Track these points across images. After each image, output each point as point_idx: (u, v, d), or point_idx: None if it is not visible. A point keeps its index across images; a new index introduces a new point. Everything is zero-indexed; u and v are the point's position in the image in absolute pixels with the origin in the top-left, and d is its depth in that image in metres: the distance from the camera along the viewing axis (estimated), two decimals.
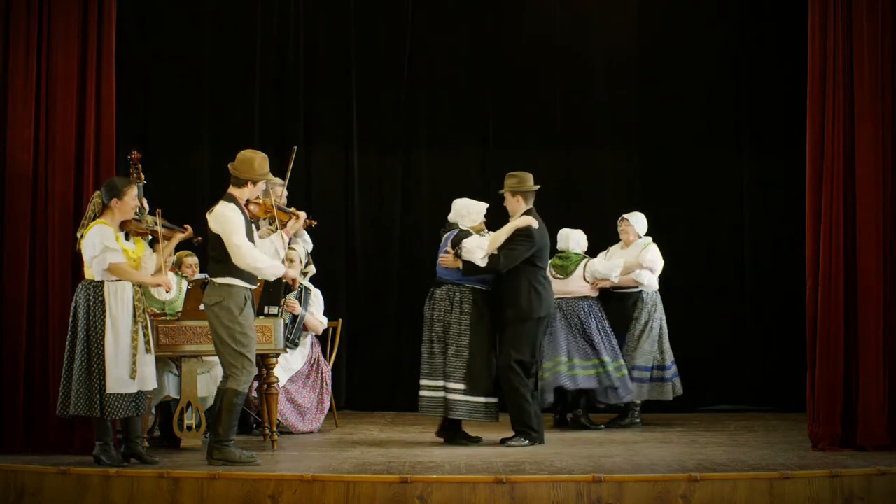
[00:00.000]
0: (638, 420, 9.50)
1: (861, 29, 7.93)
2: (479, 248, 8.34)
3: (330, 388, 9.32)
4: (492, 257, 8.30)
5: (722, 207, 10.92)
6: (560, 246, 9.53)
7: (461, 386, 8.30)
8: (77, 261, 7.61)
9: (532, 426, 8.27)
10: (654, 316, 9.54)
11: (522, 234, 8.34)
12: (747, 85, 10.87)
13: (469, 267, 8.32)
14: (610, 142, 11.00)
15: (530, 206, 8.45)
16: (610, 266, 9.46)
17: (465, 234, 8.46)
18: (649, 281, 9.56)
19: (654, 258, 9.58)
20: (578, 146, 10.99)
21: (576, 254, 9.54)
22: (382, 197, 11.07)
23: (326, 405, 9.26)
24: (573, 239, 9.57)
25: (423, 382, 8.42)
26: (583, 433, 9.09)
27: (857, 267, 7.89)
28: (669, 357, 9.54)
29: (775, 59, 10.71)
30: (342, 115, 11.02)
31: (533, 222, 8.35)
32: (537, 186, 8.47)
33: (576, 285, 9.45)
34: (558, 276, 9.38)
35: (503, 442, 8.30)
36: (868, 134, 7.90)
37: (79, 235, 7.49)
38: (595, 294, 9.54)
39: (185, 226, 7.76)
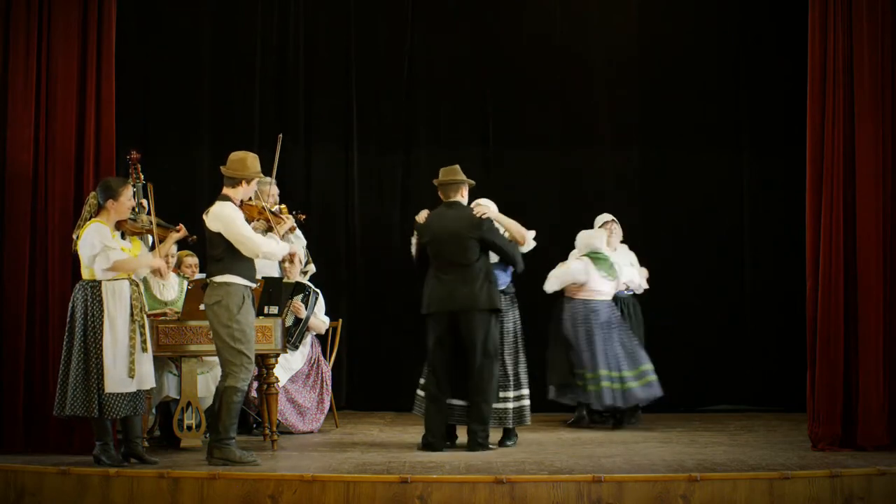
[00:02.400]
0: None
1: (861, 29, 7.93)
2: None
3: (330, 388, 9.32)
4: None
5: (722, 207, 10.92)
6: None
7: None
8: (77, 261, 7.61)
9: (426, 427, 8.15)
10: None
11: None
12: (747, 85, 10.87)
13: None
14: (610, 142, 11.00)
15: (446, 198, 8.29)
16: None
17: None
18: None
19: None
20: (578, 146, 10.99)
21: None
22: (382, 197, 11.07)
23: (326, 405, 9.26)
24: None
25: None
26: (583, 433, 9.09)
27: (857, 267, 7.89)
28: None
29: (775, 59, 10.71)
30: (342, 115, 11.02)
31: (420, 216, 8.34)
32: (448, 179, 8.27)
33: None
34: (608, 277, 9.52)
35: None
36: (868, 134, 7.90)
37: (74, 237, 7.49)
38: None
39: (179, 225, 7.76)
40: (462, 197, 8.28)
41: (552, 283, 9.48)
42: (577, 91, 10.99)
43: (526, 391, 8.37)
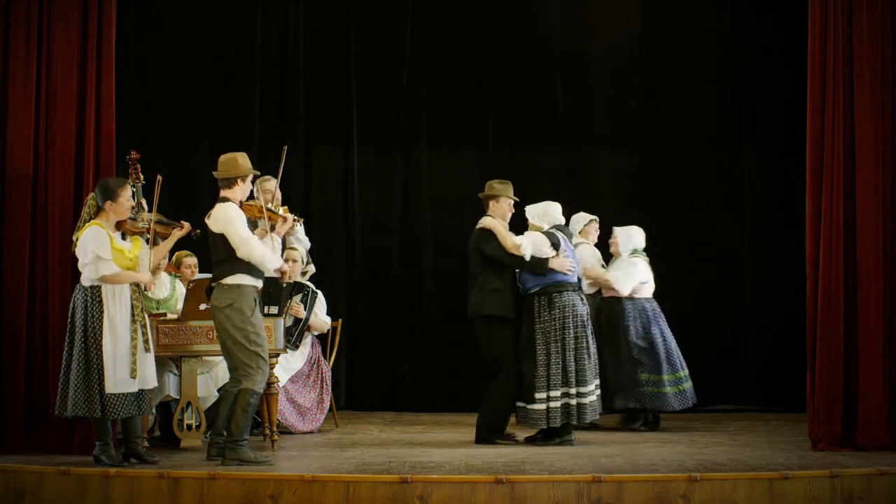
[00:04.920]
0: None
1: (861, 28, 7.93)
2: None
3: (330, 387, 9.32)
4: None
5: (722, 208, 10.92)
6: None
7: None
8: (77, 261, 7.61)
9: None
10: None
11: None
12: (747, 85, 10.87)
13: None
14: (610, 142, 11.01)
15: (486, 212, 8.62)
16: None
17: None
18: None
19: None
20: (578, 146, 10.99)
21: None
22: (382, 197, 11.07)
23: (326, 405, 9.26)
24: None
25: None
26: (582, 433, 9.08)
27: (857, 267, 7.89)
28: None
29: (775, 59, 10.72)
30: (342, 115, 11.02)
31: None
32: (483, 194, 8.61)
33: None
34: None
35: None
36: (868, 134, 7.90)
37: (74, 238, 7.48)
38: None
39: (182, 222, 7.75)
40: (493, 211, 8.55)
41: (626, 286, 9.37)
42: (577, 91, 11.00)
43: (576, 389, 8.28)
